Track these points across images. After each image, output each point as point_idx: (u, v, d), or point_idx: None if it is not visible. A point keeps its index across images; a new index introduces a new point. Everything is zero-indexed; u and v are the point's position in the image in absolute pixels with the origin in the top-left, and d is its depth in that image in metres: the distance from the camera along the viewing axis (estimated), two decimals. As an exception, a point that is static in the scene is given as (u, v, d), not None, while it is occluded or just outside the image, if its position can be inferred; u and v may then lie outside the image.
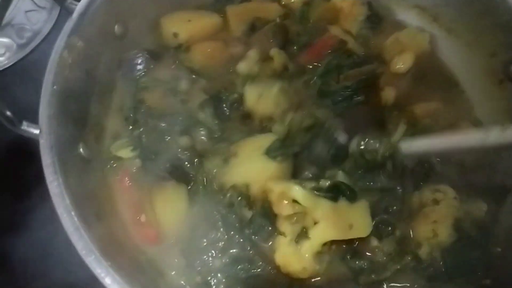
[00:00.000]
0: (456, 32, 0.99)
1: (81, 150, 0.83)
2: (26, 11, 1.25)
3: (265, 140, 0.86)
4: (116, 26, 0.94)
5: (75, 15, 0.85)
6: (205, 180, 0.87)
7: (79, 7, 0.86)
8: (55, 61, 0.81)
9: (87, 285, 0.74)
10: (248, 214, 0.83)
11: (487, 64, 0.93)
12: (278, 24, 1.02)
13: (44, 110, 0.78)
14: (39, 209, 0.97)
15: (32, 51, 1.21)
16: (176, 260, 0.83)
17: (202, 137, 0.90)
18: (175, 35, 1.01)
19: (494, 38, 0.91)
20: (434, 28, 1.02)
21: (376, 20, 1.06)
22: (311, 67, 0.97)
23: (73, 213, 0.72)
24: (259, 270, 0.81)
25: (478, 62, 0.95)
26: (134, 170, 0.88)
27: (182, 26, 1.01)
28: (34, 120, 0.77)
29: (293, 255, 0.79)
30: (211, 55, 0.99)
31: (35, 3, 1.26)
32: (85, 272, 0.69)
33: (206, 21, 1.04)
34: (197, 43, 1.00)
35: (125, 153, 0.89)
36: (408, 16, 1.05)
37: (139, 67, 0.97)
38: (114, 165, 0.90)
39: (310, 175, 0.86)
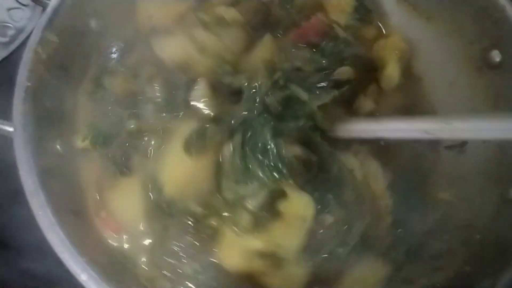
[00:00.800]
0: (435, 20, 0.97)
1: (58, 146, 0.83)
2: (9, 9, 1.24)
3: (186, 127, 0.80)
4: (92, 20, 0.92)
5: (49, 10, 0.84)
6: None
7: (53, 2, 0.85)
8: (29, 57, 0.80)
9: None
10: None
11: (466, 51, 0.92)
12: (260, 3, 1.01)
13: (17, 107, 0.77)
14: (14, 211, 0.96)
15: (16, 49, 1.19)
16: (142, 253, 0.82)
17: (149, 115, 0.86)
18: (150, 17, 0.98)
19: (472, 25, 0.90)
20: (414, 17, 1.00)
21: (364, 11, 1.05)
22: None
23: (48, 210, 0.71)
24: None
25: (457, 50, 0.94)
26: (94, 162, 0.86)
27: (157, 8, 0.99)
28: (10, 118, 0.77)
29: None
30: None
31: (18, 1, 1.25)
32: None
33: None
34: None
35: (84, 143, 0.87)
36: (389, 6, 1.03)
37: (113, 56, 0.95)
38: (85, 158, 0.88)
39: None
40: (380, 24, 1.05)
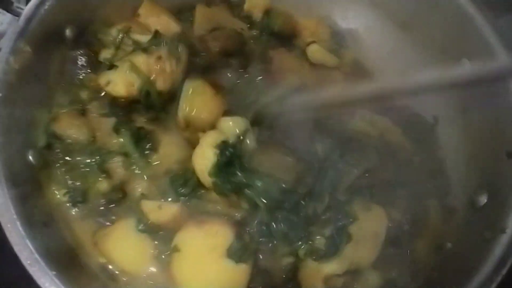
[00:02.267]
0: (409, 28, 0.99)
1: (30, 158, 0.82)
2: (-12, 13, 1.23)
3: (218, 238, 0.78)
4: (67, 30, 0.92)
5: (21, 19, 0.83)
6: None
7: (25, 11, 0.84)
8: (0, 67, 0.79)
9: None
10: None
11: (438, 60, 0.93)
12: (234, 31, 1.03)
13: (-13, 118, 0.76)
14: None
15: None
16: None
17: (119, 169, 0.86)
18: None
19: (444, 34, 0.91)
20: (389, 25, 1.01)
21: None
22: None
23: (18, 222, 0.71)
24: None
25: (430, 59, 0.94)
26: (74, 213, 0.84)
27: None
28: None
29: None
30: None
31: (-3, 5, 1.23)
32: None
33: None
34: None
35: (65, 198, 0.84)
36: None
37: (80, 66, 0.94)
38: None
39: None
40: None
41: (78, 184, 0.84)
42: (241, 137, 0.83)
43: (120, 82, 0.89)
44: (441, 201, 0.87)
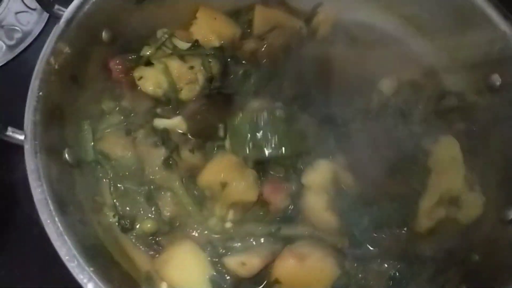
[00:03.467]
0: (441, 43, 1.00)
1: (66, 156, 0.84)
2: (16, 13, 1.25)
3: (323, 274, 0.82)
4: (103, 32, 0.94)
5: (62, 21, 0.86)
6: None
7: (66, 14, 0.86)
8: (41, 67, 0.81)
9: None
10: None
11: (468, 74, 0.94)
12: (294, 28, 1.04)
13: (29, 116, 0.78)
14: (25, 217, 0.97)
15: (22, 53, 1.21)
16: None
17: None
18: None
19: (475, 48, 0.92)
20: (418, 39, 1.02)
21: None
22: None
23: (56, 219, 0.73)
24: None
25: (460, 73, 0.96)
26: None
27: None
28: (20, 126, 0.78)
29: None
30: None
31: (25, 5, 1.26)
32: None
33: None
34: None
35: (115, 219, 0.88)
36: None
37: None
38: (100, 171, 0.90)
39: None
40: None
41: (127, 209, 0.87)
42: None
43: (150, 80, 0.93)
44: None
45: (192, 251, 0.84)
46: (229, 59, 0.97)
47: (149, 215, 0.87)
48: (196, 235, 0.87)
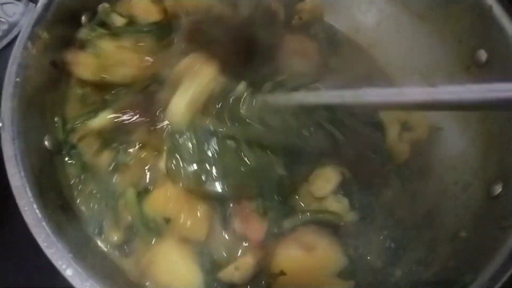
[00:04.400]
0: (427, 19, 0.98)
1: (46, 142, 0.83)
2: (2, 4, 1.24)
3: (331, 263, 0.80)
4: (83, 16, 0.92)
5: (39, 5, 0.84)
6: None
7: (43, -2, 0.85)
8: (19, 52, 0.80)
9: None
10: None
11: (455, 50, 0.93)
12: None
13: (6, 102, 0.77)
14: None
15: (8, 44, 1.19)
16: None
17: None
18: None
19: (461, 23, 0.90)
20: (406, 15, 1.01)
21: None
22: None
23: (35, 205, 0.72)
24: None
25: (447, 49, 0.95)
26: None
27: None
28: (-2, 113, 0.76)
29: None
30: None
31: (11, -4, 1.25)
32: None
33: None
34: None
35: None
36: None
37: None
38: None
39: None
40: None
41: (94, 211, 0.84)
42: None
43: (82, 63, 0.89)
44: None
45: (177, 249, 0.80)
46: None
47: (113, 222, 0.83)
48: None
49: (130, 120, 0.84)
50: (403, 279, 0.79)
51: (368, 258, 0.83)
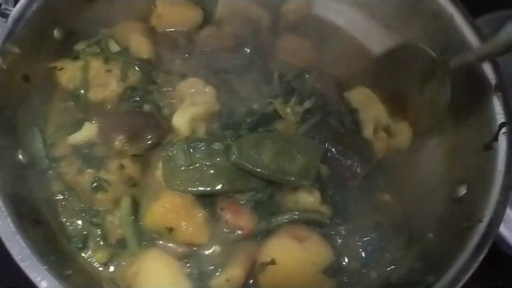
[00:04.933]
0: (393, 28, 1.01)
1: (20, 156, 0.83)
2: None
3: (320, 257, 0.83)
4: (55, 31, 0.93)
5: (9, 20, 0.85)
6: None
7: (13, 13, 0.85)
8: (-11, 68, 0.80)
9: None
10: None
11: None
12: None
13: (-23, 117, 0.77)
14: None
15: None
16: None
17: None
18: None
19: (424, 31, 0.94)
20: (373, 25, 1.04)
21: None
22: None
23: (9, 219, 0.72)
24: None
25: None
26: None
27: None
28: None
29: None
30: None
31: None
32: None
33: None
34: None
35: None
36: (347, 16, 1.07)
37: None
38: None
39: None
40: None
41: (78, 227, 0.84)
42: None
43: (67, 73, 0.93)
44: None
45: (161, 259, 0.81)
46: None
47: (98, 239, 0.84)
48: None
49: (114, 136, 0.85)
50: (376, 281, 0.81)
51: (346, 259, 0.85)
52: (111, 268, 0.83)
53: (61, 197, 0.86)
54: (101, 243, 0.83)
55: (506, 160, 0.77)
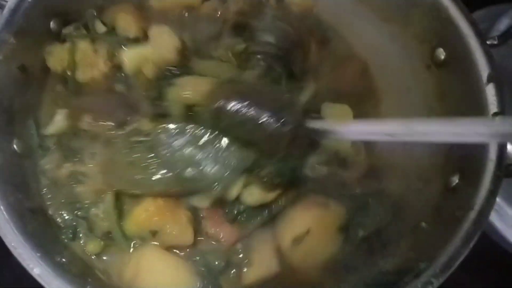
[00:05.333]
0: (391, 22, 1.01)
1: (14, 146, 0.84)
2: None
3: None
4: (51, 22, 0.94)
5: (5, 11, 0.85)
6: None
7: (9, 3, 0.86)
8: (-16, 58, 0.81)
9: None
10: None
11: (418, 50, 0.96)
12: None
13: (-27, 107, 0.78)
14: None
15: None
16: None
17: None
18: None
19: (421, 25, 0.94)
20: (371, 18, 1.04)
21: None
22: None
23: (2, 207, 0.73)
24: None
25: (411, 49, 0.98)
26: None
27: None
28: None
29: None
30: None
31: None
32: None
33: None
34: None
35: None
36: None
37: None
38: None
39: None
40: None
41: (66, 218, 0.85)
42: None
43: (56, 56, 0.93)
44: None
45: (163, 256, 0.81)
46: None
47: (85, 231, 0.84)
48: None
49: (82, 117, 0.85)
50: (365, 270, 0.81)
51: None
52: (104, 258, 0.83)
53: (47, 190, 0.86)
54: (89, 235, 0.84)
55: (497, 149, 0.77)
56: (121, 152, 0.84)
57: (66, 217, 0.84)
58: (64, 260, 0.75)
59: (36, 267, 0.70)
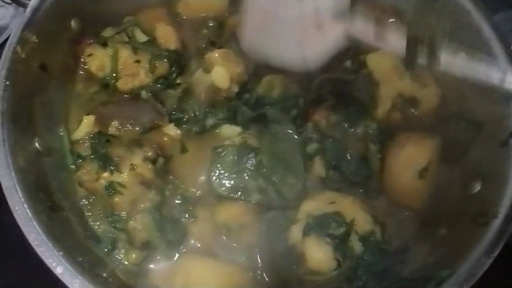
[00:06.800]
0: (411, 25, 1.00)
1: (36, 144, 0.84)
2: (-8, 7, 1.25)
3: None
4: (72, 21, 0.94)
5: (28, 10, 0.86)
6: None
7: (32, 2, 0.86)
8: (8, 56, 0.81)
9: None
10: None
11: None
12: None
13: (-5, 105, 0.78)
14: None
15: (-1, 46, 1.20)
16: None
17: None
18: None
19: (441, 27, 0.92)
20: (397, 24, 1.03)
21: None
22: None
23: (25, 205, 0.73)
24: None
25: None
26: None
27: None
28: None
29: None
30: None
31: (1, -1, 1.26)
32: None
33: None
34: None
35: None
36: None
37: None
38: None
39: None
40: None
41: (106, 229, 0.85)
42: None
43: (97, 59, 0.94)
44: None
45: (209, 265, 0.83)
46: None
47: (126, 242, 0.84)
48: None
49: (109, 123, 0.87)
50: (383, 275, 0.81)
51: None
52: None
53: (86, 201, 0.87)
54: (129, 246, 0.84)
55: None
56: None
57: (105, 229, 0.85)
58: (85, 258, 0.75)
59: (58, 265, 0.70)
